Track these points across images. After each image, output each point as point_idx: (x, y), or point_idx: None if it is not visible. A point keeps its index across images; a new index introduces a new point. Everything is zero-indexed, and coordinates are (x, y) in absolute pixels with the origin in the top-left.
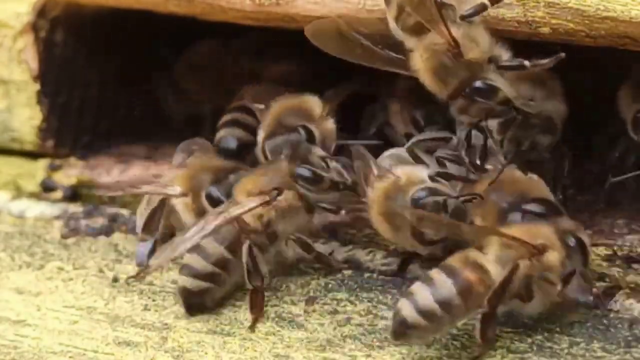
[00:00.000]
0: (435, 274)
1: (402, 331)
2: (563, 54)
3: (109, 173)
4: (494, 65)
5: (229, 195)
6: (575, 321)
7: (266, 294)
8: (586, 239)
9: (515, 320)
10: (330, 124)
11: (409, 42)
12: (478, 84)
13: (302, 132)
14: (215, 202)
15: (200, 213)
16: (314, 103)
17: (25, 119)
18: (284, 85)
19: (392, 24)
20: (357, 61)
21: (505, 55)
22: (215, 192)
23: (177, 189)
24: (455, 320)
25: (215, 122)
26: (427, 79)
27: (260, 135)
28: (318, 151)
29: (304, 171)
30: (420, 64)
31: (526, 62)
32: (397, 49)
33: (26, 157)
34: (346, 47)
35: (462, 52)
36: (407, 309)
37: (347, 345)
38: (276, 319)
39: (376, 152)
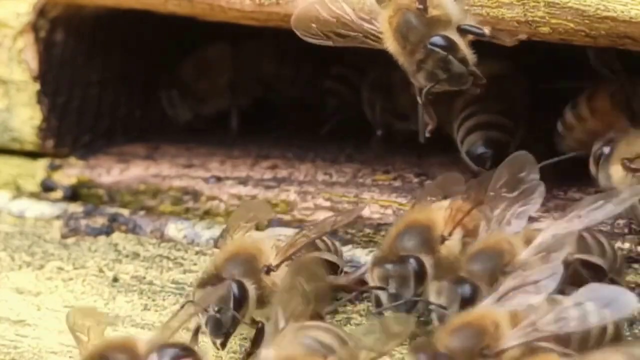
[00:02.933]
0: None
1: None
2: (525, 36)
3: (109, 173)
4: (457, 27)
5: None
6: None
7: None
8: None
9: None
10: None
11: (382, 10)
12: (438, 36)
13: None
14: None
15: None
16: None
17: (25, 119)
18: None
19: None
20: (336, 44)
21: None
22: None
23: None
24: None
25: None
26: (389, 40)
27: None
28: None
29: None
30: (385, 26)
31: (486, 30)
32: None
33: (26, 157)
34: (326, 29)
35: (427, 8)
36: None
37: None
38: None
39: None
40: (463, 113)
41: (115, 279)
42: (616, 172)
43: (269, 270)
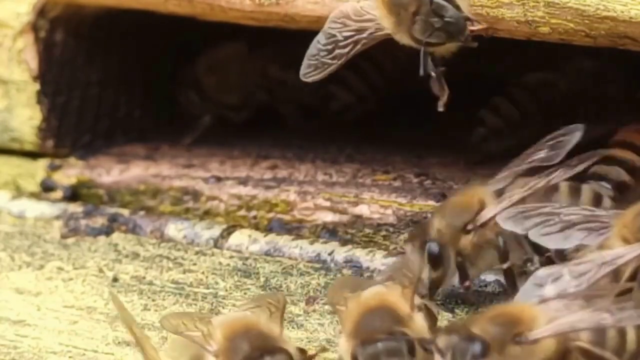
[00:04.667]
0: None
1: None
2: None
3: (109, 173)
4: None
5: None
6: None
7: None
8: None
9: None
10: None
11: None
12: None
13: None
14: None
15: None
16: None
17: (25, 119)
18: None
19: None
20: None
21: None
22: None
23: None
24: None
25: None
26: (384, 17)
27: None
28: None
29: None
30: (378, 3)
31: None
32: None
33: (26, 157)
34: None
35: None
36: None
37: None
38: None
39: None
40: None
41: (115, 279)
42: None
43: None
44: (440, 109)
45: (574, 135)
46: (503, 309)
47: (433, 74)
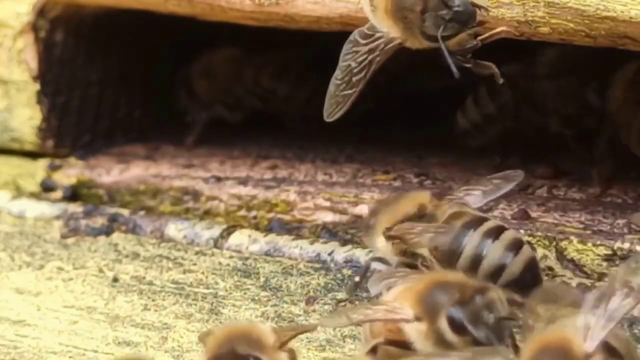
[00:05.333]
0: None
1: None
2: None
3: (109, 173)
4: None
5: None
6: None
7: (266, 294)
8: None
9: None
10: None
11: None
12: None
13: None
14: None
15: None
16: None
17: (25, 119)
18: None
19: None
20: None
21: None
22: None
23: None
24: None
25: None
26: (390, 26)
27: None
28: None
29: None
30: (382, 15)
31: None
32: None
33: (26, 157)
34: None
35: None
36: None
37: (347, 345)
38: (276, 319)
39: None
40: None
41: (115, 279)
42: None
43: None
44: (500, 81)
45: (510, 183)
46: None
47: (468, 64)
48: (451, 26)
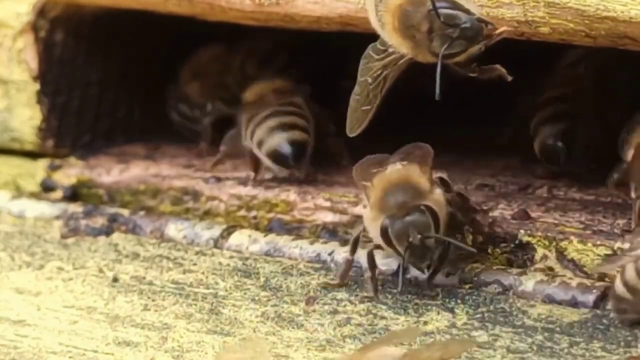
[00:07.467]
0: None
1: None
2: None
3: (109, 173)
4: None
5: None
6: (575, 321)
7: (266, 294)
8: None
9: (515, 320)
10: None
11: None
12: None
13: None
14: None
15: None
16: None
17: (25, 119)
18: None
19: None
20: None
21: None
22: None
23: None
24: None
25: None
26: (399, 43)
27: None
28: None
29: None
30: (390, 31)
31: None
32: None
33: (26, 157)
34: None
35: None
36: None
37: (347, 345)
38: (276, 319)
39: None
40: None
41: (115, 279)
42: None
43: None
44: (508, 78)
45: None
46: None
47: (474, 74)
48: (459, 43)
